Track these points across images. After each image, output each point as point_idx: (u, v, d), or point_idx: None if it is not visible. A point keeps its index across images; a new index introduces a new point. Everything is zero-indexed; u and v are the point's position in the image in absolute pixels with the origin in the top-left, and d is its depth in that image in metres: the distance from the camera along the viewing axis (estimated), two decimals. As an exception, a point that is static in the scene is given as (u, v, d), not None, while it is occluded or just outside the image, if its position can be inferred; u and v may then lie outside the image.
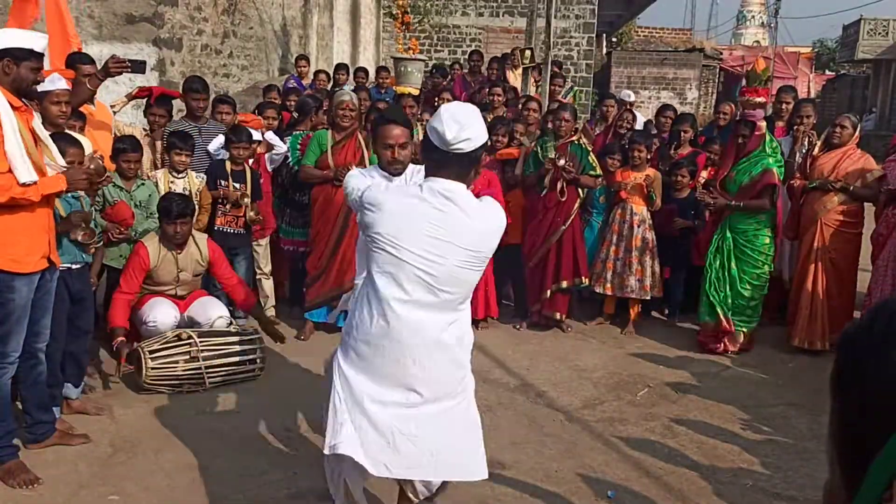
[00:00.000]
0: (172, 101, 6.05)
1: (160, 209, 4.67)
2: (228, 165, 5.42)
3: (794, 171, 5.77)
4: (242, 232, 5.50)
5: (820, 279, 5.51)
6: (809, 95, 27.99)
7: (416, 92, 7.40)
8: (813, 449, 4.05)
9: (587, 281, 5.89)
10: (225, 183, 5.39)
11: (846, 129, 5.51)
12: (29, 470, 3.44)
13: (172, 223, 4.60)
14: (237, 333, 4.72)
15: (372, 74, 10.81)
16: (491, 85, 7.92)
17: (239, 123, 5.74)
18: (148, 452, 3.77)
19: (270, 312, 5.82)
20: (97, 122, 4.92)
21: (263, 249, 5.85)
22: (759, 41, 43.53)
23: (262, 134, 5.82)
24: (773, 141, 5.51)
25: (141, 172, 5.04)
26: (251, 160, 5.57)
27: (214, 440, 3.93)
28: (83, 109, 4.72)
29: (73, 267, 3.88)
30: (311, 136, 5.80)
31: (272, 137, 5.89)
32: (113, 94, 6.65)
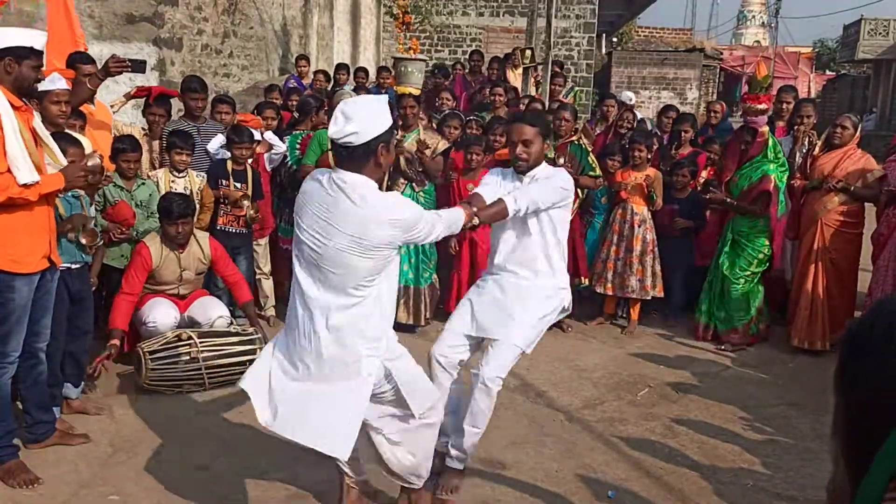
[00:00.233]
0: (171, 100, 6.04)
1: (160, 209, 4.66)
2: (230, 165, 5.42)
3: (794, 171, 5.78)
4: (244, 231, 5.50)
5: (820, 279, 5.51)
6: (810, 95, 28.02)
7: (416, 92, 7.38)
8: (814, 449, 4.05)
9: (586, 281, 5.88)
10: (226, 182, 5.40)
11: (847, 129, 5.51)
12: (29, 470, 3.44)
13: (174, 223, 4.59)
14: (237, 334, 4.71)
15: (372, 74, 10.82)
16: (492, 85, 7.91)
17: (238, 123, 5.75)
18: (148, 452, 3.77)
19: (271, 312, 5.82)
20: (97, 121, 4.92)
21: (263, 249, 5.84)
22: (759, 41, 43.59)
23: (261, 134, 5.82)
24: (776, 146, 5.53)
25: (140, 172, 5.04)
26: (250, 160, 5.57)
27: (215, 440, 3.93)
28: (83, 109, 4.72)
29: (72, 267, 3.88)
30: (311, 135, 5.81)
31: (271, 137, 5.89)
32: (113, 93, 6.64)
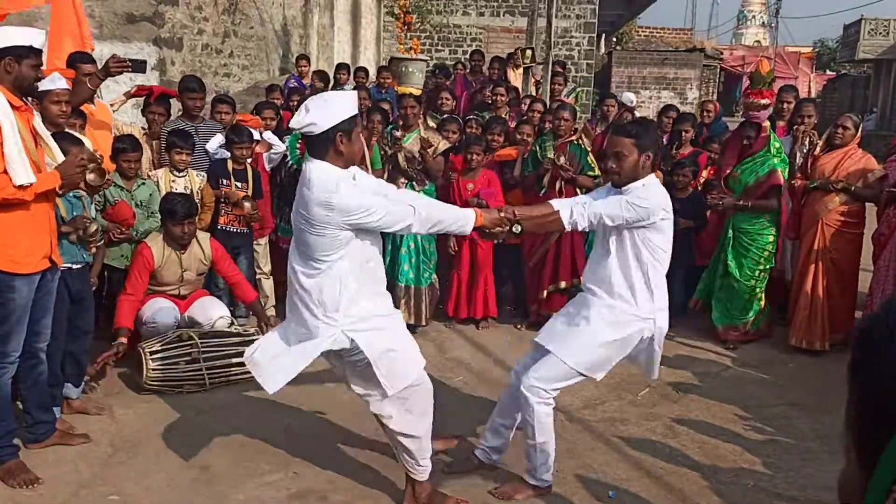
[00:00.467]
0: (171, 100, 6.04)
1: (164, 211, 4.65)
2: (230, 165, 5.42)
3: (794, 171, 5.77)
4: (245, 231, 5.50)
5: (820, 279, 5.50)
6: (810, 95, 28.00)
7: (417, 92, 7.38)
8: (815, 449, 4.05)
9: None
10: (227, 182, 5.39)
11: (848, 129, 5.50)
12: (29, 470, 3.44)
13: (179, 224, 4.59)
14: (238, 334, 4.71)
15: (373, 74, 10.81)
16: (494, 85, 7.90)
17: (238, 123, 5.74)
18: (148, 452, 3.77)
19: (271, 312, 5.81)
20: (97, 121, 4.91)
21: (263, 249, 5.84)
22: (759, 41, 43.60)
23: (260, 133, 5.82)
24: (776, 141, 5.52)
25: (141, 172, 5.04)
26: (249, 159, 5.57)
27: (215, 440, 3.92)
28: (83, 109, 4.71)
29: (73, 267, 3.88)
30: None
31: (270, 137, 5.88)
32: (113, 93, 6.64)
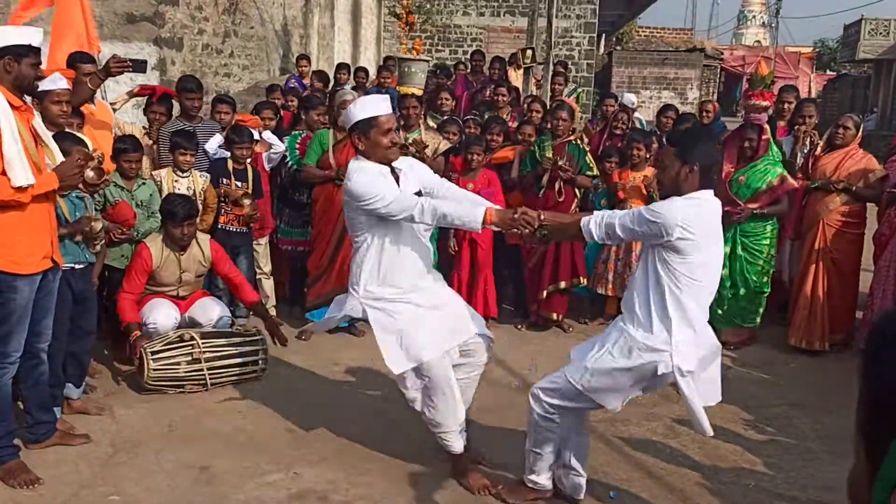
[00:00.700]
0: (173, 100, 6.04)
1: (164, 212, 4.65)
2: (230, 164, 5.42)
3: (795, 171, 5.76)
4: (245, 230, 5.50)
5: (821, 279, 5.50)
6: (810, 95, 27.96)
7: (419, 92, 7.37)
8: (815, 449, 4.05)
9: (585, 281, 5.87)
10: (227, 181, 5.39)
11: (849, 129, 5.50)
12: (30, 470, 3.44)
13: (179, 226, 4.58)
14: (239, 335, 4.71)
15: (373, 74, 10.81)
16: (496, 85, 7.89)
17: (237, 123, 5.74)
18: (149, 452, 3.77)
19: (271, 312, 5.81)
20: (98, 121, 4.90)
21: (263, 249, 5.83)
22: (759, 41, 43.59)
23: (259, 133, 5.82)
24: (774, 145, 5.53)
25: (141, 172, 5.03)
26: (249, 159, 5.57)
27: (215, 440, 3.93)
28: (83, 109, 4.71)
29: (76, 267, 3.87)
30: (310, 135, 5.80)
31: (270, 137, 5.88)
32: (114, 93, 6.63)
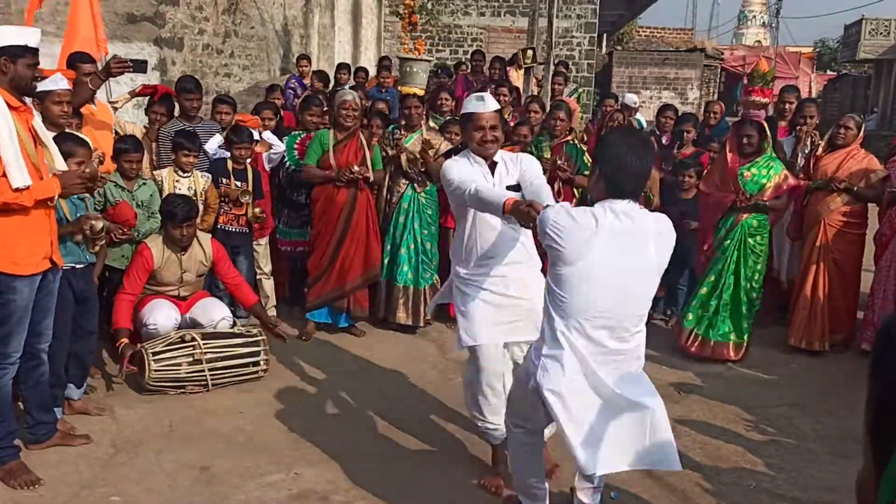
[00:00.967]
0: (174, 100, 6.04)
1: (164, 213, 4.64)
2: (230, 164, 5.42)
3: (796, 171, 5.75)
4: (245, 230, 5.49)
5: (822, 279, 5.49)
6: (811, 95, 27.96)
7: (421, 92, 7.36)
8: (816, 450, 4.05)
9: None
10: (226, 181, 5.39)
11: (851, 129, 5.49)
12: (30, 470, 3.44)
13: (179, 227, 4.58)
14: (240, 335, 4.70)
15: (373, 74, 10.80)
16: (497, 85, 7.88)
17: (237, 123, 5.74)
18: (149, 453, 3.77)
19: (271, 313, 5.80)
20: (98, 121, 4.90)
21: (263, 249, 5.83)
22: (760, 41, 43.54)
23: (259, 133, 5.81)
24: (765, 144, 5.47)
25: (142, 172, 5.03)
26: (249, 159, 5.56)
27: (216, 440, 3.92)
28: (83, 110, 4.70)
29: (77, 267, 3.87)
30: (310, 136, 5.79)
31: (270, 137, 5.88)
32: (114, 94, 6.63)
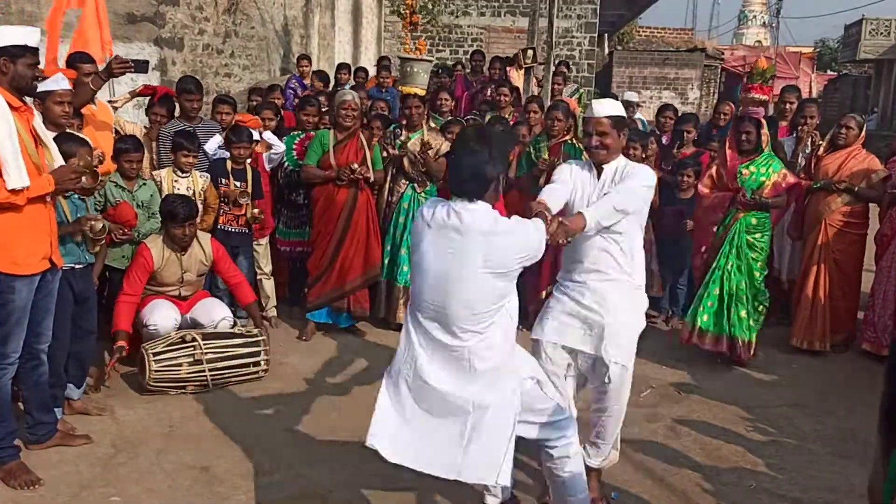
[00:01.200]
0: (174, 100, 6.03)
1: (165, 212, 4.64)
2: (229, 164, 5.42)
3: (797, 171, 5.75)
4: (245, 231, 5.49)
5: (823, 280, 5.49)
6: (811, 95, 27.95)
7: (422, 92, 7.35)
8: (817, 450, 4.05)
9: None
10: (225, 181, 5.39)
11: (852, 129, 5.49)
12: (30, 471, 3.44)
13: (181, 226, 4.59)
14: (241, 335, 4.70)
15: (372, 74, 10.80)
16: (497, 85, 7.88)
17: (237, 123, 5.74)
18: (150, 453, 3.77)
19: (273, 313, 5.81)
20: (99, 122, 4.90)
21: (263, 249, 5.82)
22: (760, 41, 43.50)
23: (259, 133, 5.81)
24: (761, 145, 5.46)
25: (142, 172, 5.03)
26: (248, 159, 5.56)
27: (217, 441, 3.92)
28: (83, 110, 4.70)
29: (76, 267, 3.87)
30: (310, 136, 5.79)
31: (270, 137, 5.88)
32: (116, 94, 6.63)
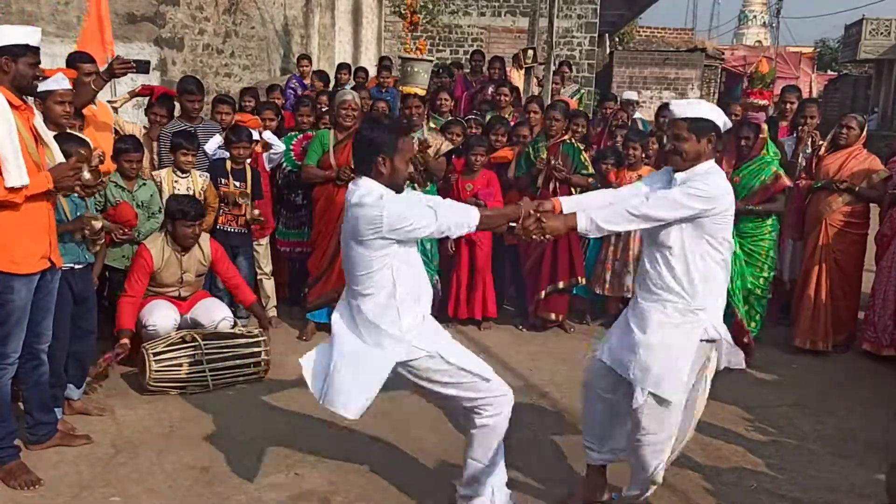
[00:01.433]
0: (174, 101, 6.03)
1: (175, 211, 4.63)
2: (228, 164, 5.41)
3: (798, 171, 5.75)
4: (244, 231, 5.49)
5: (824, 280, 5.49)
6: (812, 95, 27.95)
7: (422, 92, 7.35)
8: (817, 450, 4.05)
9: (583, 281, 5.86)
10: (225, 181, 5.39)
11: (853, 129, 5.49)
12: (30, 471, 3.44)
13: (191, 225, 4.60)
14: (241, 336, 4.70)
15: (373, 74, 10.80)
16: (498, 85, 7.88)
17: (237, 123, 5.74)
18: (150, 453, 3.77)
19: (273, 313, 5.81)
20: (99, 122, 4.90)
21: (264, 249, 5.82)
22: (760, 41, 43.52)
23: (259, 133, 5.82)
24: (772, 146, 5.48)
25: (142, 172, 5.03)
26: (248, 160, 5.56)
27: (217, 441, 3.92)
28: (85, 111, 4.70)
29: (76, 267, 3.86)
30: (308, 136, 5.79)
31: (270, 137, 5.88)
32: (117, 94, 6.63)
